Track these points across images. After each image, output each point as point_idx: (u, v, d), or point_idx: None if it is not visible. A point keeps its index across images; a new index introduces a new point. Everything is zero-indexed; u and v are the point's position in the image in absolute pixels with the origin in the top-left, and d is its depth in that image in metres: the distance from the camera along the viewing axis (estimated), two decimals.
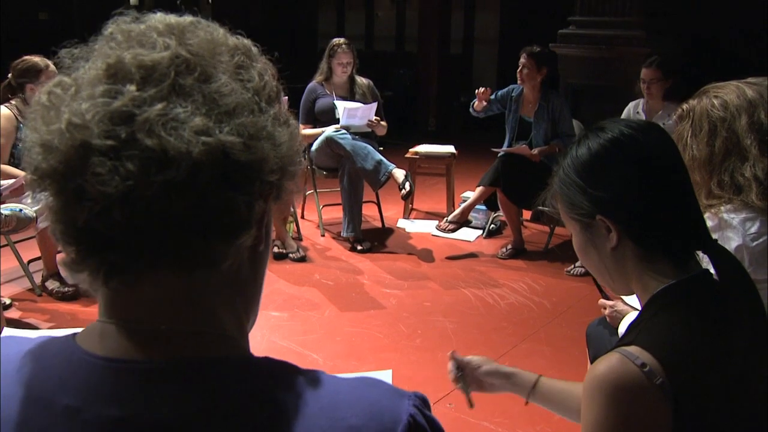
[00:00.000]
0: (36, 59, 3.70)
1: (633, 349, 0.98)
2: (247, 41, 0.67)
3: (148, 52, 0.59)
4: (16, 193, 3.52)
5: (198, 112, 0.57)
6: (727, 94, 1.65)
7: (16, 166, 3.66)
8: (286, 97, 4.83)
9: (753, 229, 1.65)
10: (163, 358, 0.59)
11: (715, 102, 1.65)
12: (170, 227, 0.56)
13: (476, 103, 4.77)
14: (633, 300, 1.94)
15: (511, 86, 4.82)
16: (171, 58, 0.59)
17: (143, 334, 0.60)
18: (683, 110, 1.72)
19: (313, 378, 0.62)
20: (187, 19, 0.64)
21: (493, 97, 4.81)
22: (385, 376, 1.39)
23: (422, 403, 0.63)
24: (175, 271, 0.59)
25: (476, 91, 4.74)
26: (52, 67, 3.61)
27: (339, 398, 0.60)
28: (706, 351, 0.99)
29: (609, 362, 0.98)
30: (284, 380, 0.61)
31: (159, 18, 0.64)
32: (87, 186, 0.55)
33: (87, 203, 0.56)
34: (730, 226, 1.64)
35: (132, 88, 0.57)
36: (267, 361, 0.63)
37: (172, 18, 0.64)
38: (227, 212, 0.58)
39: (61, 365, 0.60)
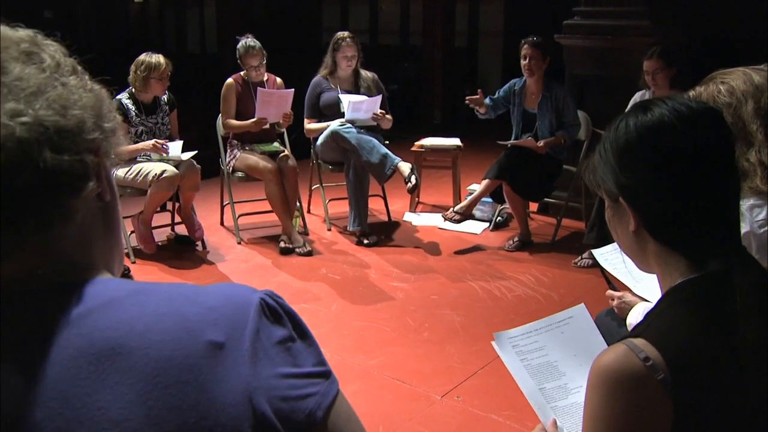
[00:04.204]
0: None
1: (639, 342, 0.98)
2: (29, 31, 0.73)
3: None
4: None
5: (6, 99, 0.65)
6: (734, 79, 1.64)
7: None
8: (292, 90, 4.85)
9: (760, 216, 1.65)
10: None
11: (722, 88, 1.64)
12: (20, 198, 0.65)
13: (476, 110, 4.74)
14: (642, 290, 1.94)
15: (512, 81, 4.79)
16: None
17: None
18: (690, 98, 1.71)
19: (179, 284, 0.75)
20: None
21: (491, 99, 4.75)
22: None
23: (275, 294, 0.74)
24: (37, 231, 0.67)
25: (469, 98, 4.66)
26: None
27: (201, 290, 0.73)
28: (711, 351, 0.99)
29: (614, 353, 0.99)
30: (148, 285, 0.72)
31: None
32: None
33: None
34: None
35: None
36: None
37: None
38: (65, 172, 0.67)
39: None
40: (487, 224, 5.10)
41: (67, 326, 0.66)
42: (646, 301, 1.90)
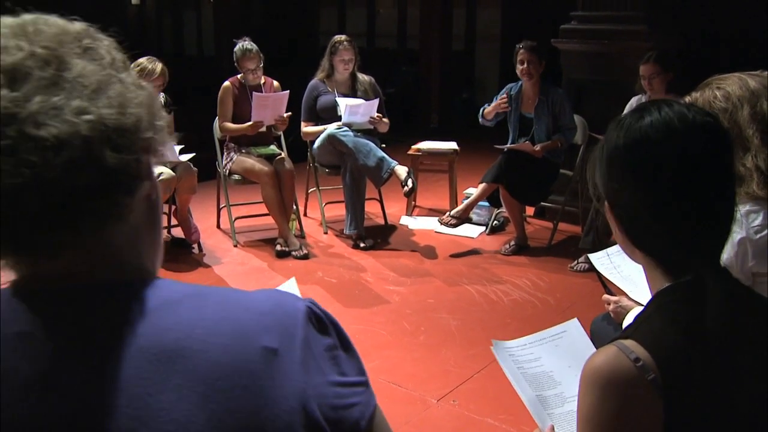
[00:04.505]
0: None
1: (629, 343, 0.99)
2: (85, 24, 0.73)
3: (5, 57, 0.65)
4: None
5: (71, 96, 0.64)
6: (730, 85, 1.65)
7: None
8: (287, 92, 4.84)
9: (756, 222, 1.65)
10: (67, 285, 0.68)
11: (718, 93, 1.64)
12: (80, 196, 0.64)
13: (489, 108, 4.73)
14: (638, 295, 1.94)
15: (508, 86, 4.79)
16: (27, 58, 0.65)
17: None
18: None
19: (229, 289, 0.76)
20: (27, 18, 0.69)
21: (488, 105, 4.77)
22: (290, 284, 1.55)
23: (317, 303, 0.77)
24: (93, 230, 0.67)
25: (500, 102, 4.69)
26: None
27: (250, 295, 0.74)
28: (700, 353, 0.99)
29: (605, 354, 0.99)
30: (200, 288, 0.73)
31: (2, 23, 0.69)
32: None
33: (3, 198, 0.63)
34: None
35: (5, 91, 0.63)
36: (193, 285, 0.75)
37: (12, 20, 0.69)
38: (123, 172, 0.67)
39: None
40: (484, 228, 5.10)
41: (127, 326, 0.66)
42: (642, 305, 1.90)
